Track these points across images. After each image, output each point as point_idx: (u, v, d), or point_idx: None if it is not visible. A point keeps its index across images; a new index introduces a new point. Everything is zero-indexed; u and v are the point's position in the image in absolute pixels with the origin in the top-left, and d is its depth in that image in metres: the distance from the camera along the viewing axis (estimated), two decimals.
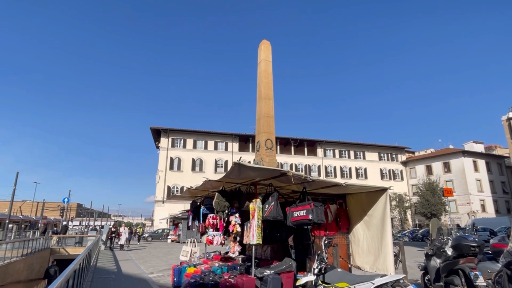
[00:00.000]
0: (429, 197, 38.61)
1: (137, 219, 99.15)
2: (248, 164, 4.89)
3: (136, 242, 27.05)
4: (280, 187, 6.36)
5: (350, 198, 6.80)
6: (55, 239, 20.45)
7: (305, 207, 5.19)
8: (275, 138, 8.41)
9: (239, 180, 5.97)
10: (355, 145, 46.85)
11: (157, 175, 38.36)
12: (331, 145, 46.09)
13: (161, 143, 39.72)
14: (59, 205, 53.87)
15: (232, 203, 6.33)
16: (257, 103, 8.68)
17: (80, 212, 76.18)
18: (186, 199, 8.83)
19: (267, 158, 7.91)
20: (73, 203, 69.93)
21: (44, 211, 44.64)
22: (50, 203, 59.17)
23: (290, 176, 4.84)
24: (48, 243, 19.17)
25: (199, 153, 40.39)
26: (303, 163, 43.70)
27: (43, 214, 43.37)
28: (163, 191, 37.52)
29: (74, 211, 74.68)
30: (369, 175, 45.66)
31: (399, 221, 43.54)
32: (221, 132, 41.68)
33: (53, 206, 60.81)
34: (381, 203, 5.98)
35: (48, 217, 50.39)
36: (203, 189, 6.93)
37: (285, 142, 44.24)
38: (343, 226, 6.67)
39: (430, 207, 38.28)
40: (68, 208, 59.25)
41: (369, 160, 46.77)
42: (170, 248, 21.12)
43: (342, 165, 45.29)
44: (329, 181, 5.67)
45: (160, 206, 36.92)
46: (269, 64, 8.82)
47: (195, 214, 7.99)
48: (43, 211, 43.10)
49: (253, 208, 5.47)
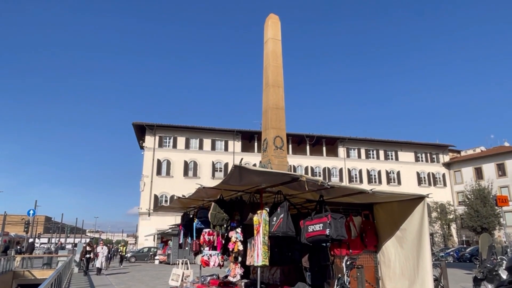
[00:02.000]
0: (479, 207, 38.30)
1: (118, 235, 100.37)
2: (252, 167, 4.94)
3: (117, 264, 27.33)
4: (291, 195, 6.33)
5: (379, 208, 6.80)
6: (19, 260, 20.77)
7: (322, 220, 5.17)
8: (285, 135, 8.45)
9: (241, 187, 6.00)
10: (385, 143, 46.74)
11: (141, 182, 38.75)
12: (355, 143, 45.99)
13: (146, 142, 40.14)
14: (23, 218, 54.53)
15: (232, 215, 6.35)
16: (263, 91, 8.70)
17: (48, 227, 77.30)
18: (177, 210, 8.87)
19: (276, 159, 7.96)
20: (40, 216, 70.98)
21: (5, 226, 45.27)
22: (12, 216, 60.03)
23: (304, 182, 4.80)
24: (10, 265, 19.48)
25: (192, 154, 40.67)
26: (321, 165, 43.79)
27: (4, 229, 43.99)
28: (148, 201, 37.93)
29: (42, 226, 75.81)
30: (403, 180, 45.61)
31: (441, 237, 43.33)
32: (220, 129, 41.93)
33: (16, 219, 61.70)
34: (418, 214, 5.99)
35: (10, 233, 51.14)
36: (197, 198, 6.97)
37: (298, 140, 44.32)
38: (369, 243, 6.66)
39: (480, 219, 37.95)
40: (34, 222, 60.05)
41: (403, 161, 46.65)
42: (158, 271, 21.32)
43: (369, 168, 45.26)
44: (352, 187, 5.68)
45: (146, 220, 37.37)
46: (278, 44, 8.79)
47: (188, 229, 7.98)
48: (4, 226, 43.69)
49: (258, 221, 5.48)
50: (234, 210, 6.40)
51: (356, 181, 44.11)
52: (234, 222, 6.31)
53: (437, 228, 43.21)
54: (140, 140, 42.06)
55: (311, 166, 43.35)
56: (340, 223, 5.08)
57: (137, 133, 41.51)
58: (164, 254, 29.15)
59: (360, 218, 6.79)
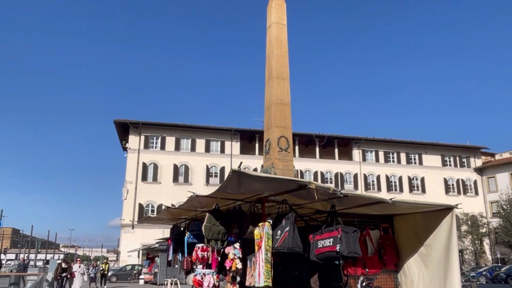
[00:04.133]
0: None
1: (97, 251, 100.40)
2: (252, 172, 4.96)
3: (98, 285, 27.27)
4: (298, 205, 6.34)
5: (400, 221, 6.77)
6: None
7: (332, 234, 5.15)
8: (292, 135, 8.47)
9: (240, 195, 6.01)
10: (407, 145, 46.72)
11: (124, 189, 38.77)
12: (372, 144, 45.97)
13: (129, 142, 40.17)
14: None
15: (229, 228, 6.34)
16: (266, 84, 8.65)
17: (16, 241, 77.40)
18: (165, 222, 8.88)
19: (281, 163, 7.95)
20: (6, 229, 71.05)
21: None
22: None
23: (313, 189, 4.81)
24: None
25: (183, 157, 40.69)
26: (333, 170, 43.85)
27: None
28: (132, 211, 37.92)
29: (8, 240, 75.89)
30: (428, 188, 45.53)
31: (472, 254, 43.25)
32: (215, 127, 41.93)
33: None
34: (445, 228, 5.97)
35: None
36: (188, 208, 6.93)
37: (306, 141, 44.31)
38: (389, 262, 6.61)
39: None
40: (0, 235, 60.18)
41: (428, 165, 46.61)
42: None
43: (388, 173, 45.24)
44: (368, 196, 5.70)
45: (129, 233, 37.36)
46: (283, 29, 8.78)
47: (178, 244, 7.95)
48: None
49: (259, 235, 5.49)
50: (232, 222, 6.39)
51: (374, 189, 44.04)
52: (232, 236, 6.30)
53: (468, 244, 43.09)
54: (123, 141, 41.93)
55: (321, 171, 43.33)
56: (354, 238, 5.07)
57: (120, 132, 41.44)
58: (151, 272, 29.13)
59: (378, 232, 6.76)
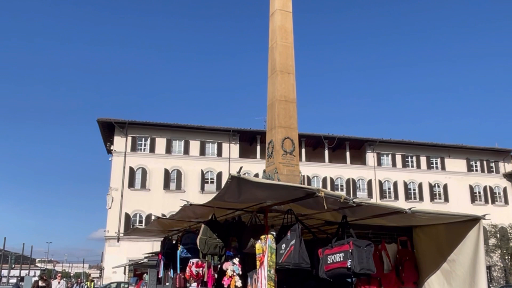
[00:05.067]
0: None
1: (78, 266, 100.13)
2: (253, 178, 4.94)
3: None
4: (305, 215, 6.30)
5: (420, 233, 6.67)
6: None
7: (342, 248, 5.12)
8: (298, 137, 8.42)
9: (240, 204, 6.01)
10: (428, 147, 46.01)
11: (108, 196, 38.24)
12: (389, 146, 45.32)
13: (114, 144, 39.50)
14: None
15: (228, 241, 6.36)
16: (268, 79, 8.70)
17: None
18: (155, 234, 8.88)
19: (286, 168, 7.94)
20: None
21: None
22: None
23: (321, 197, 4.77)
24: None
25: (175, 161, 40.18)
26: (344, 176, 43.29)
27: None
28: (118, 222, 37.37)
29: None
30: (452, 196, 44.88)
31: (502, 271, 42.83)
32: (212, 128, 41.46)
33: None
34: (471, 241, 5.85)
35: None
36: (181, 218, 6.97)
37: (314, 143, 43.96)
38: (407, 279, 6.44)
39: None
40: None
41: (452, 171, 45.93)
42: None
43: (406, 180, 44.61)
44: (384, 205, 5.61)
45: (114, 246, 36.87)
46: (288, 17, 8.80)
47: (169, 259, 8.00)
48: None
49: (261, 249, 5.50)
50: (230, 235, 6.40)
51: (390, 197, 43.33)
52: (231, 251, 6.33)
53: (496, 260, 42.58)
54: (107, 142, 41.31)
55: (330, 177, 42.67)
56: (367, 253, 5.04)
57: (104, 133, 40.69)
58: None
59: (395, 246, 6.66)
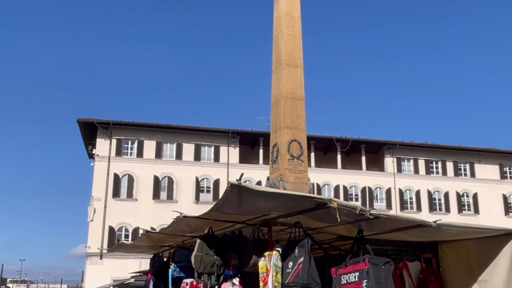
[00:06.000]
0: None
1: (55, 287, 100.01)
2: (256, 186, 4.81)
3: None
4: (315, 229, 6.15)
5: (447, 249, 6.55)
6: None
7: (357, 266, 4.99)
8: (306, 139, 8.42)
9: (240, 216, 5.86)
10: (455, 151, 45.65)
11: (89, 207, 38.21)
12: (410, 150, 45.02)
13: (97, 148, 39.43)
14: None
15: (226, 258, 6.25)
16: (273, 74, 8.78)
17: None
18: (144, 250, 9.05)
19: (292, 175, 7.99)
20: None
21: None
22: None
23: (334, 209, 4.63)
24: None
25: (166, 166, 40.16)
26: (359, 184, 43.31)
27: None
28: (101, 236, 37.34)
29: None
30: (483, 207, 44.72)
31: None
32: (208, 128, 41.56)
33: None
34: (505, 259, 5.76)
35: None
36: (173, 232, 6.90)
37: (325, 147, 44.06)
38: None
39: None
40: None
41: (482, 178, 45.66)
42: None
43: (431, 188, 44.49)
44: (405, 218, 5.40)
45: (96, 265, 36.88)
46: (296, 2, 9.00)
47: (160, 278, 7.98)
48: None
49: (265, 268, 5.36)
50: (229, 251, 6.30)
51: (412, 208, 43.25)
52: (230, 269, 6.18)
53: None
54: (89, 146, 41.31)
55: (344, 185, 42.74)
56: (385, 272, 4.87)
57: (85, 134, 40.45)
58: None
59: (418, 264, 6.63)
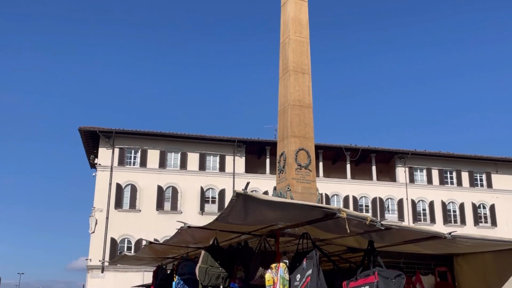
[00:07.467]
0: None
1: None
2: (262, 196, 4.86)
3: None
4: (324, 240, 6.27)
5: (462, 263, 6.64)
6: None
7: (368, 280, 5.10)
8: (314, 148, 8.39)
9: (246, 226, 6.06)
10: (471, 161, 45.06)
11: (91, 219, 38.15)
12: (423, 160, 44.67)
13: (99, 157, 39.41)
14: None
15: (232, 271, 6.34)
16: (280, 80, 8.76)
17: None
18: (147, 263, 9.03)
19: (300, 185, 8.03)
20: None
21: None
22: None
23: (343, 219, 4.67)
24: None
25: (170, 176, 40.06)
26: (370, 195, 43.01)
27: None
28: (103, 248, 37.23)
29: None
30: (500, 218, 44.16)
31: None
32: (213, 137, 41.38)
33: None
34: None
35: None
36: (177, 244, 6.95)
37: (334, 156, 43.86)
38: None
39: None
40: None
41: (500, 189, 45.03)
42: None
43: (445, 199, 44.05)
44: (418, 229, 5.39)
45: (98, 278, 36.70)
46: (304, 7, 8.97)
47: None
48: None
49: (272, 280, 5.51)
50: (235, 263, 6.40)
51: (425, 220, 42.84)
52: (236, 282, 6.30)
53: None
54: (91, 155, 41.31)
55: (353, 196, 42.49)
56: (396, 286, 4.95)
57: (87, 143, 40.52)
58: None
59: (432, 278, 6.72)
